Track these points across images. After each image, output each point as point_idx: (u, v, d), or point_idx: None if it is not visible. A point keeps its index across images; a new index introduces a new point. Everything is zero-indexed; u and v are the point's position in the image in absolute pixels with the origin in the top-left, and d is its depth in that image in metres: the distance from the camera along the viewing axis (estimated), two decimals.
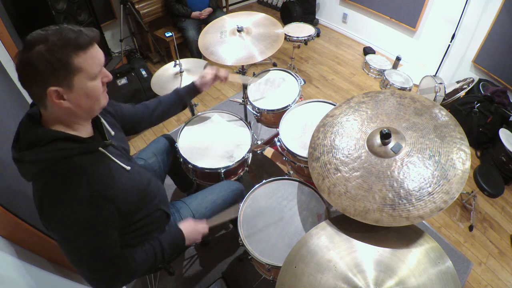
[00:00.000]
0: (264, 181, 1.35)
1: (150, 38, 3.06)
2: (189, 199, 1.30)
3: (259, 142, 1.85)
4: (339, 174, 1.00)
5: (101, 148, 0.85)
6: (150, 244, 0.99)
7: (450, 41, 2.72)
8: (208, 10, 3.01)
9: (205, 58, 1.65)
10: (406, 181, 0.90)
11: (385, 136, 0.97)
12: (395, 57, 3.22)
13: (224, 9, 3.68)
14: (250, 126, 1.60)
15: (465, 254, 1.89)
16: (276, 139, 1.46)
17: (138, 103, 1.25)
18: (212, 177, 1.47)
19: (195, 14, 2.95)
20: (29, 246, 1.01)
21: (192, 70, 1.68)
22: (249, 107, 1.72)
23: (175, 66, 1.67)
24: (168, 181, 1.73)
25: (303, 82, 1.75)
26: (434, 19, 2.94)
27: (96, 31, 0.76)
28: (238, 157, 1.44)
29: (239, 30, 1.64)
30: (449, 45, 2.76)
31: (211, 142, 1.52)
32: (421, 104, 1.07)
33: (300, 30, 2.78)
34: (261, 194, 1.33)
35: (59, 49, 0.69)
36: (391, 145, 0.98)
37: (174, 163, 1.55)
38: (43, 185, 0.75)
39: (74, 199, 0.75)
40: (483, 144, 2.48)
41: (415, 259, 0.86)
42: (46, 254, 1.10)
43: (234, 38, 1.64)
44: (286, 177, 1.37)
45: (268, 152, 1.68)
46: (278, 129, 1.48)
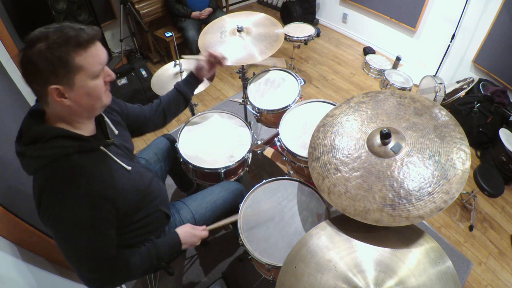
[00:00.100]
0: (264, 181, 1.35)
1: (150, 38, 3.06)
2: (189, 200, 1.30)
3: (259, 142, 1.85)
4: (339, 174, 1.00)
5: (103, 147, 0.85)
6: (146, 247, 0.99)
7: (450, 41, 2.72)
8: (208, 10, 3.01)
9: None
10: (406, 181, 0.90)
11: (385, 136, 0.97)
12: (395, 57, 3.22)
13: (224, 9, 3.67)
14: (250, 126, 1.59)
15: (465, 254, 1.89)
16: (276, 139, 1.46)
17: (145, 104, 1.23)
18: (212, 177, 1.47)
19: (195, 14, 2.95)
20: (29, 246, 1.01)
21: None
22: (249, 107, 1.72)
23: (175, 66, 1.67)
24: (168, 181, 1.73)
25: (303, 82, 1.75)
26: (434, 19, 2.94)
27: (98, 29, 0.76)
28: (238, 157, 1.44)
29: (239, 30, 1.64)
30: (449, 45, 2.76)
31: (211, 142, 1.52)
32: (421, 104, 1.07)
33: (300, 30, 2.78)
34: (261, 194, 1.33)
35: (59, 47, 0.68)
36: (391, 145, 0.98)
37: (174, 163, 1.55)
38: (43, 182, 0.75)
39: (73, 198, 0.75)
40: (483, 144, 2.48)
41: (415, 259, 0.86)
42: (46, 254, 1.10)
43: (234, 38, 1.64)
44: (286, 177, 1.37)
45: (268, 152, 1.68)
46: (278, 129, 1.48)
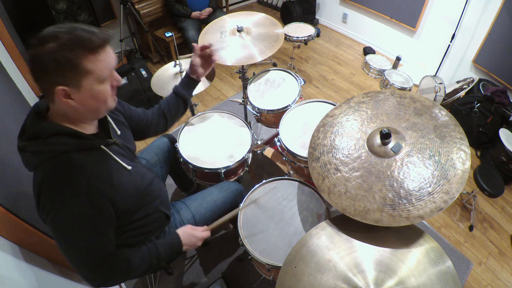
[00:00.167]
0: (264, 181, 1.35)
1: (150, 38, 3.06)
2: (189, 200, 1.30)
3: (259, 142, 1.85)
4: (339, 174, 1.00)
5: (103, 146, 0.85)
6: (147, 247, 0.99)
7: (450, 41, 2.72)
8: (208, 10, 3.01)
9: None
10: (406, 181, 0.90)
11: (385, 136, 0.97)
12: (395, 57, 3.22)
13: (224, 9, 3.68)
14: (250, 126, 1.59)
15: (465, 254, 1.89)
16: (276, 139, 1.46)
17: (145, 104, 1.23)
18: (212, 177, 1.47)
19: (195, 14, 2.95)
20: (29, 246, 1.01)
21: None
22: (249, 107, 1.72)
23: (175, 66, 1.67)
24: (168, 181, 1.73)
25: (303, 82, 1.75)
26: (434, 19, 2.94)
27: (110, 33, 0.76)
28: (238, 157, 1.44)
29: (239, 30, 1.64)
30: (449, 45, 2.76)
31: (211, 142, 1.52)
32: (421, 104, 1.07)
33: (300, 30, 2.78)
34: (261, 194, 1.33)
35: (70, 50, 0.69)
36: (391, 145, 0.98)
37: (175, 163, 1.55)
38: (42, 178, 0.75)
39: (71, 195, 0.75)
40: (483, 144, 2.48)
41: (415, 259, 0.86)
42: (46, 254, 1.10)
43: (234, 38, 1.64)
44: (286, 177, 1.37)
45: (268, 152, 1.68)
46: (278, 129, 1.48)
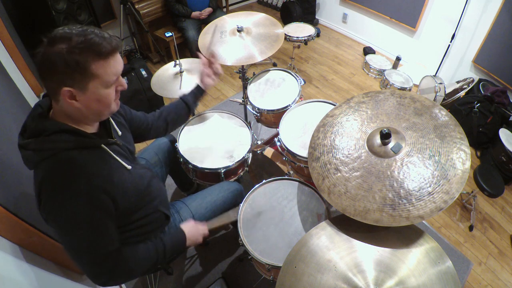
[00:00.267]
0: (264, 181, 1.35)
1: (150, 38, 3.06)
2: (189, 200, 1.30)
3: (259, 142, 1.85)
4: (339, 174, 1.00)
5: (104, 145, 0.86)
6: (153, 243, 0.99)
7: (450, 41, 2.72)
8: (208, 10, 3.01)
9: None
10: (406, 181, 0.90)
11: (385, 136, 0.97)
12: (395, 57, 3.22)
13: (224, 9, 3.67)
14: (250, 126, 1.60)
15: (465, 254, 1.89)
16: (276, 139, 1.46)
17: (144, 104, 1.24)
18: (212, 177, 1.47)
19: (195, 14, 2.95)
20: (29, 246, 1.01)
21: (192, 70, 1.68)
22: (249, 107, 1.72)
23: (175, 66, 1.67)
24: (168, 181, 1.73)
25: (303, 82, 1.75)
26: (434, 19, 2.94)
27: (120, 41, 0.77)
28: (238, 157, 1.44)
29: (239, 30, 1.64)
30: (449, 45, 2.75)
31: (211, 142, 1.52)
32: (421, 104, 1.07)
33: (300, 30, 2.78)
34: (261, 194, 1.33)
35: (80, 53, 0.69)
36: (391, 145, 0.98)
37: (175, 163, 1.55)
38: (43, 175, 0.75)
39: (72, 195, 0.75)
40: (483, 144, 2.48)
41: (415, 259, 0.86)
42: (46, 254, 1.10)
43: (234, 38, 1.64)
44: (286, 177, 1.37)
45: (268, 152, 1.68)
46: (278, 129, 1.48)
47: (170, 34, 1.85)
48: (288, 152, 1.40)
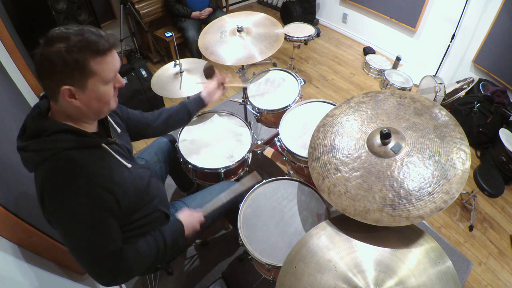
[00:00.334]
0: (264, 181, 1.35)
1: (150, 38, 3.06)
2: (189, 200, 1.31)
3: (259, 142, 1.85)
4: (339, 174, 1.00)
5: (104, 145, 0.86)
6: (153, 237, 0.99)
7: (450, 41, 2.72)
8: (208, 10, 3.01)
9: (205, 58, 1.65)
10: (406, 181, 0.90)
11: (385, 136, 0.97)
12: (395, 57, 3.21)
13: (224, 9, 3.68)
14: (250, 126, 1.60)
15: (465, 254, 1.89)
16: (276, 139, 1.46)
17: (144, 104, 1.25)
18: (212, 177, 1.47)
19: (195, 14, 2.95)
20: (29, 246, 1.01)
21: (192, 70, 1.68)
22: (249, 107, 1.72)
23: (175, 66, 1.67)
24: (168, 181, 1.73)
25: (303, 82, 1.75)
26: (434, 19, 2.94)
27: (117, 38, 0.79)
28: (238, 157, 1.44)
29: (239, 30, 1.64)
30: (449, 45, 2.75)
31: (211, 142, 1.52)
32: (421, 104, 1.07)
33: (300, 30, 2.78)
34: (261, 194, 1.33)
35: (78, 51, 0.70)
36: (391, 145, 0.98)
37: (175, 163, 1.55)
38: (44, 176, 0.75)
39: (72, 196, 0.75)
40: (483, 144, 2.48)
41: (415, 259, 0.86)
42: (46, 254, 1.10)
43: (234, 38, 1.64)
44: (286, 177, 1.37)
45: (268, 152, 1.68)
46: (278, 129, 1.48)
47: (170, 34, 1.85)
48: (288, 152, 1.40)
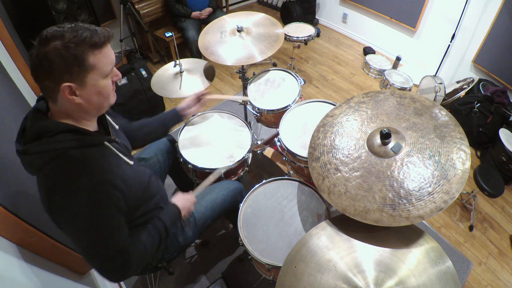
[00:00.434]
0: (264, 181, 1.35)
1: (150, 38, 3.06)
2: None
3: (259, 142, 1.85)
4: (339, 174, 1.00)
5: (107, 142, 0.86)
6: (152, 225, 1.01)
7: (450, 41, 2.72)
8: (208, 10, 3.01)
9: (205, 58, 1.66)
10: (406, 181, 0.90)
11: (385, 136, 0.97)
12: (395, 57, 3.21)
13: (224, 9, 3.68)
14: (250, 126, 1.60)
15: (465, 254, 1.89)
16: (276, 139, 1.46)
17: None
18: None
19: (195, 14, 2.95)
20: (29, 246, 1.01)
21: (192, 70, 1.68)
22: (249, 107, 1.72)
23: (175, 66, 1.67)
24: (168, 181, 1.73)
25: (303, 82, 1.75)
26: (434, 19, 2.94)
27: (111, 31, 0.78)
28: (238, 157, 1.44)
29: (239, 30, 1.64)
30: (449, 45, 2.75)
31: (211, 142, 1.52)
32: (421, 104, 1.07)
33: (300, 30, 2.78)
34: (261, 194, 1.33)
35: (75, 46, 0.70)
36: (391, 145, 0.98)
37: (174, 163, 1.55)
38: (52, 177, 0.75)
39: (84, 189, 0.75)
40: (483, 144, 2.48)
41: (415, 259, 0.86)
42: (46, 254, 1.10)
43: (234, 38, 1.64)
44: (286, 177, 1.37)
45: (268, 152, 1.68)
46: (278, 129, 1.48)
47: (170, 34, 1.85)
48: (288, 152, 1.40)
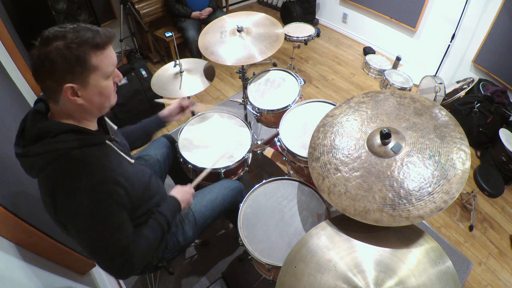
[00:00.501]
0: (264, 181, 1.35)
1: (150, 38, 3.06)
2: None
3: (259, 142, 1.85)
4: (339, 174, 1.00)
5: (108, 141, 0.87)
6: (153, 219, 1.01)
7: (450, 41, 2.72)
8: (208, 10, 3.01)
9: (205, 58, 1.66)
10: (406, 181, 0.90)
11: (385, 136, 0.97)
12: (395, 57, 3.22)
13: (224, 9, 3.68)
14: (250, 126, 1.60)
15: (465, 254, 1.89)
16: (276, 139, 1.46)
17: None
18: (212, 177, 1.47)
19: (195, 14, 2.95)
20: (29, 246, 1.01)
21: (192, 70, 1.68)
22: (249, 107, 1.72)
23: (175, 66, 1.67)
24: (168, 181, 1.73)
25: (303, 82, 1.75)
26: (434, 19, 2.94)
27: (113, 32, 0.78)
28: (238, 157, 1.44)
29: (239, 30, 1.64)
30: (449, 45, 2.76)
31: (211, 142, 1.52)
32: (421, 104, 1.07)
33: (300, 30, 2.78)
34: (261, 194, 1.33)
35: (77, 47, 0.70)
36: (391, 145, 0.98)
37: (174, 163, 1.55)
38: (55, 177, 0.75)
39: (90, 187, 0.75)
40: (483, 144, 2.48)
41: (415, 259, 0.86)
42: (46, 254, 1.10)
43: (234, 38, 1.64)
44: (286, 177, 1.37)
45: (268, 152, 1.68)
46: (278, 129, 1.48)
47: (170, 34, 1.85)
48: (288, 152, 1.40)
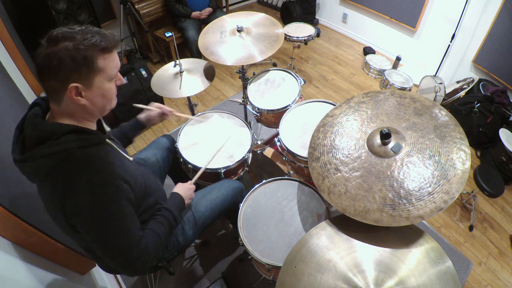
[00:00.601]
0: (264, 181, 1.35)
1: (150, 38, 3.06)
2: None
3: (259, 142, 1.85)
4: (339, 174, 1.00)
5: (108, 140, 0.88)
6: (160, 215, 1.03)
7: (450, 41, 2.72)
8: (208, 10, 3.01)
9: (205, 58, 1.66)
10: (406, 181, 0.90)
11: (385, 136, 0.97)
12: (395, 57, 3.22)
13: (224, 9, 3.68)
14: (250, 126, 1.60)
15: (465, 254, 1.89)
16: (276, 139, 1.46)
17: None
18: (212, 177, 1.47)
19: (195, 14, 2.95)
20: (29, 246, 1.01)
21: (192, 70, 1.68)
22: (249, 107, 1.72)
23: (175, 66, 1.67)
24: (168, 181, 1.73)
25: (303, 82, 1.75)
26: (434, 19, 2.94)
27: (118, 36, 0.81)
28: (238, 157, 1.44)
29: (239, 30, 1.64)
30: (449, 45, 2.76)
31: (211, 142, 1.52)
32: (421, 104, 1.07)
33: (300, 30, 2.78)
34: (261, 194, 1.33)
35: (86, 48, 0.72)
36: (391, 145, 0.98)
37: (174, 163, 1.55)
38: (64, 179, 0.75)
39: (100, 185, 0.76)
40: (483, 144, 2.48)
41: (415, 259, 0.86)
42: (46, 254, 1.10)
43: (234, 38, 1.64)
44: (286, 177, 1.37)
45: (268, 152, 1.68)
46: (278, 129, 1.48)
47: (170, 34, 1.85)
48: (288, 152, 1.40)
